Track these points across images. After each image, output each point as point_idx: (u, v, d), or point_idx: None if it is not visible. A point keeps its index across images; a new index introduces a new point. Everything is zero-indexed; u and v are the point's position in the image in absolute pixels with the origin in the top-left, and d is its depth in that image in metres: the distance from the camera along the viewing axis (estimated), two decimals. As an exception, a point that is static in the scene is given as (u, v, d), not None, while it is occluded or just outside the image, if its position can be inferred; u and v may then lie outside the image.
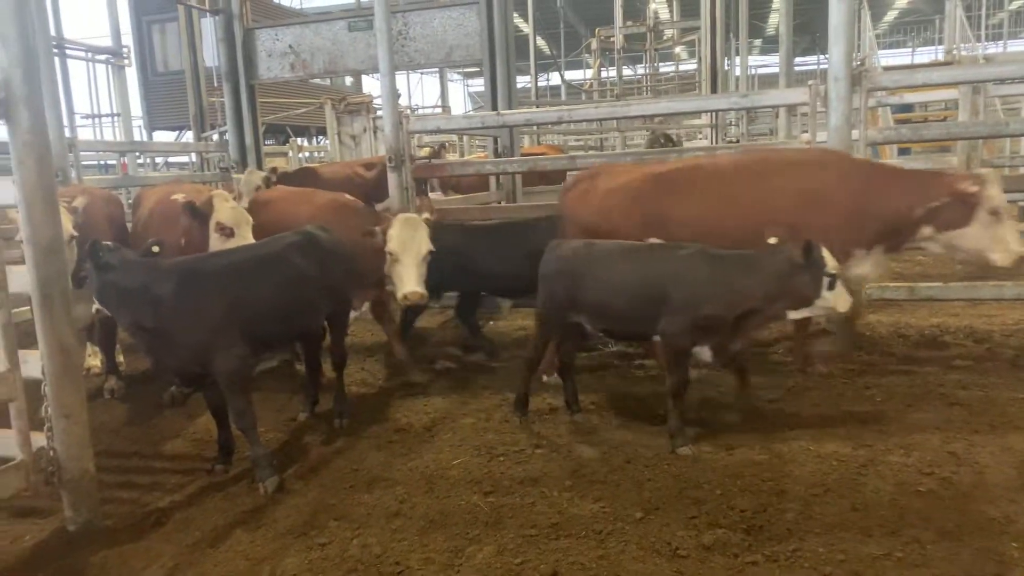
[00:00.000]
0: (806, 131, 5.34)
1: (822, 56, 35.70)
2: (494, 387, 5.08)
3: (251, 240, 4.93)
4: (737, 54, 19.71)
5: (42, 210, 3.14)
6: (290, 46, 9.16)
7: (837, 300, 3.64)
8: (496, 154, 8.68)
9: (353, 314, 5.14)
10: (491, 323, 6.88)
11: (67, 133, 16.95)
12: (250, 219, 5.21)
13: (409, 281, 4.80)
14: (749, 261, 3.82)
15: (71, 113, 16.80)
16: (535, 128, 14.15)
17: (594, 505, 3.35)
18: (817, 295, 3.63)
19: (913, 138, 6.32)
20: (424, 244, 4.88)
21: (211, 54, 12.82)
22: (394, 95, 6.22)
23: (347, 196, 5.93)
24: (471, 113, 16.08)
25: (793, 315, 3.84)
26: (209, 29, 11.96)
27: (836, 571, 2.68)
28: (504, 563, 2.93)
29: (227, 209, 5.03)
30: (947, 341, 5.47)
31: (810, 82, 5.51)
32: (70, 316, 3.30)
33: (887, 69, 12.26)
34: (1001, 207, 4.12)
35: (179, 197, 5.25)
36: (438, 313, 7.18)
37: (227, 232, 4.97)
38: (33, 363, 3.32)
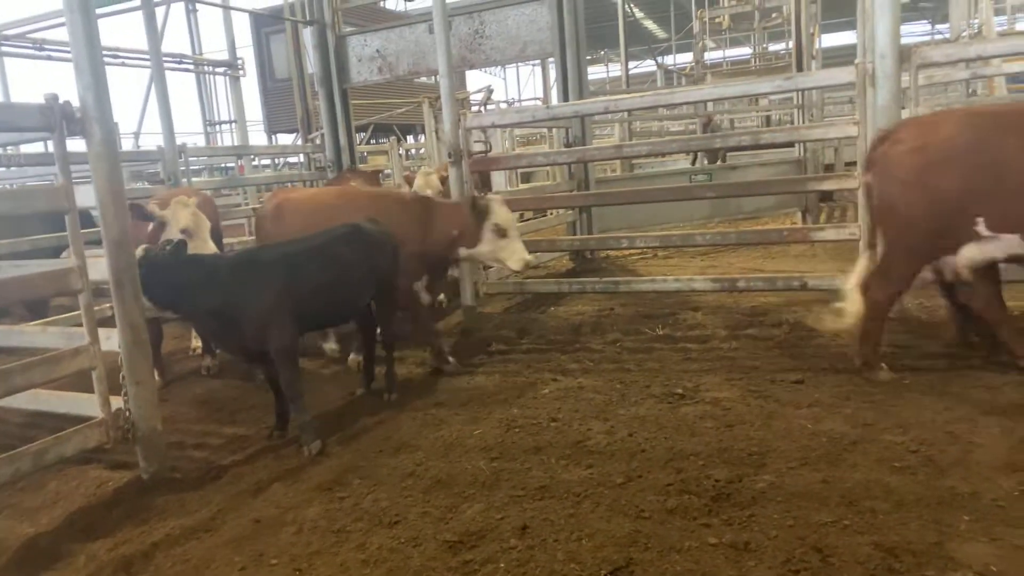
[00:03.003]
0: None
1: (935, 27, 33.17)
2: (533, 368, 5.39)
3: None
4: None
5: (112, 210, 3.77)
6: (377, 50, 9.81)
7: None
8: (567, 144, 8.96)
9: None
10: (552, 309, 7.18)
11: (203, 141, 18.70)
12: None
13: None
14: None
15: (205, 121, 18.51)
16: (626, 115, 14.19)
17: (584, 472, 3.61)
18: None
19: (968, 113, 5.96)
20: None
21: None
22: (453, 95, 6.60)
23: None
24: (521, 107, 16.48)
25: None
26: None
27: (782, 534, 2.82)
28: (487, 518, 3.26)
29: (504, 212, 5.50)
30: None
31: (856, 61, 5.41)
32: (139, 299, 3.92)
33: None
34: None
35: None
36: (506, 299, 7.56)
37: (502, 233, 5.48)
38: (114, 339, 3.97)
